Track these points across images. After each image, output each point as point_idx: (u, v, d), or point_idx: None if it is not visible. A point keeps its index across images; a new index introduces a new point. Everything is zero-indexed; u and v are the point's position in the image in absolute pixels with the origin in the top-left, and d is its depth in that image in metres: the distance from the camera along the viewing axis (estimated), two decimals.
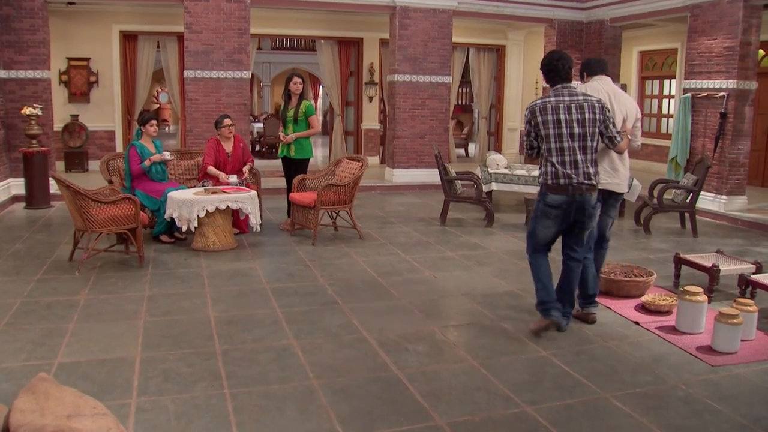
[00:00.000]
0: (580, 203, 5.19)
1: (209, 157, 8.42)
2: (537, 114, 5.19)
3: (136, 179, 7.93)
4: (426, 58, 12.60)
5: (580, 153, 5.14)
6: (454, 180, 9.48)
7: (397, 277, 6.90)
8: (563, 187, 5.15)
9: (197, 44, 11.22)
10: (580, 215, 5.27)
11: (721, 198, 10.48)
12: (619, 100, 5.69)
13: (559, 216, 5.27)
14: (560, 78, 5.22)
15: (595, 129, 5.15)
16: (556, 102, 5.14)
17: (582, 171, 5.14)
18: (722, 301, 6.37)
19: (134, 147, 7.94)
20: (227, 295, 6.14)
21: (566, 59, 5.24)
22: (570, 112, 5.10)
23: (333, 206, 8.26)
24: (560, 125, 5.11)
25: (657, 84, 16.31)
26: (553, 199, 5.22)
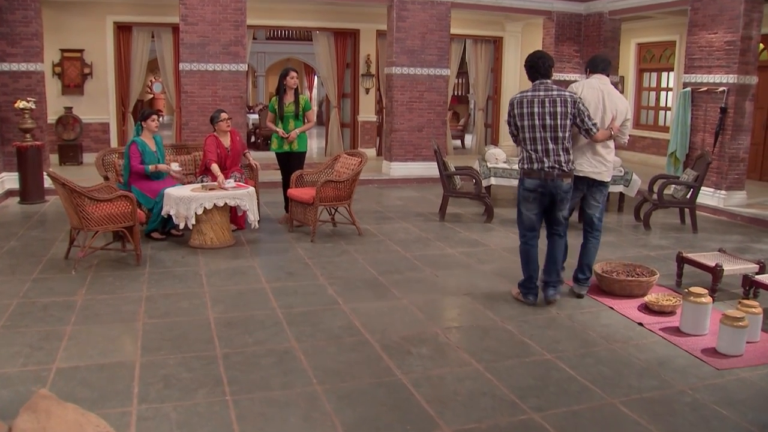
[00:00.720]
0: (552, 187, 5.75)
1: (212, 154, 8.18)
2: (515, 107, 5.77)
3: (133, 176, 7.84)
4: (424, 50, 12.50)
5: (552, 142, 5.66)
6: (453, 175, 9.40)
7: (397, 275, 6.83)
8: (536, 172, 5.72)
9: (193, 36, 11.09)
10: (552, 198, 5.83)
11: (720, 193, 10.43)
12: (611, 99, 6.01)
13: (536, 199, 5.84)
14: (539, 75, 5.76)
15: (566, 121, 5.64)
16: (531, 96, 5.69)
17: (553, 158, 5.68)
18: (725, 300, 6.33)
19: (135, 144, 7.83)
20: (226, 296, 6.07)
21: (547, 58, 5.80)
22: (543, 105, 5.63)
23: (332, 202, 8.18)
24: (533, 117, 5.66)
25: (655, 76, 16.23)
26: (528, 183, 5.81)
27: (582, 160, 6.02)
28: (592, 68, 6.20)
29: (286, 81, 8.69)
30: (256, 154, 16.39)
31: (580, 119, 5.73)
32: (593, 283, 6.56)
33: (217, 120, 8.42)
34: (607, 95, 6.01)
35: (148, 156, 7.88)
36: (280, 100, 8.76)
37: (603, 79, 6.13)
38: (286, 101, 8.74)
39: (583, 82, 6.12)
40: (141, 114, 8.08)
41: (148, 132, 7.96)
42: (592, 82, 6.10)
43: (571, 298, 6.26)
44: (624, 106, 6.10)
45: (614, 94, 6.10)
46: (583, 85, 6.05)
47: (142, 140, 7.90)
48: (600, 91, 6.00)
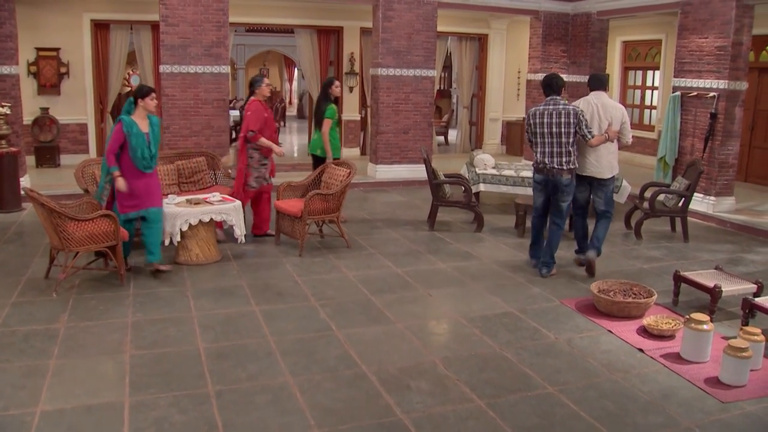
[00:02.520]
0: (554, 181, 7.16)
1: (258, 122, 8.05)
2: (530, 118, 7.24)
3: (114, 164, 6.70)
4: (410, 51, 12.29)
5: (556, 146, 7.06)
6: (443, 184, 9.23)
7: (390, 295, 6.67)
8: (541, 169, 7.20)
9: (174, 38, 10.79)
10: (554, 189, 7.22)
11: (709, 199, 10.36)
12: (606, 110, 7.32)
13: (542, 189, 7.32)
14: (552, 91, 7.18)
15: (569, 129, 7.01)
16: (543, 109, 7.13)
17: (556, 159, 7.08)
18: (723, 321, 6.25)
19: (121, 123, 6.66)
20: (216, 321, 5.87)
21: (559, 79, 7.23)
22: (552, 116, 7.05)
23: (320, 215, 7.98)
24: (543, 126, 7.09)
25: (640, 75, 16.15)
26: (537, 177, 7.34)
27: (585, 162, 7.32)
28: (590, 87, 7.56)
29: (332, 90, 9.16)
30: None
31: (578, 128, 7.04)
32: (590, 302, 6.48)
33: (260, 84, 8.24)
34: (602, 107, 7.31)
35: (136, 139, 6.65)
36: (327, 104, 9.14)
37: (600, 94, 7.42)
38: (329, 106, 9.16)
39: (581, 99, 7.49)
40: (138, 90, 6.81)
41: (144, 111, 6.79)
42: (588, 98, 7.43)
43: (568, 320, 6.13)
44: (619, 113, 7.34)
45: (610, 104, 7.37)
46: (581, 102, 7.42)
47: (131, 119, 6.69)
48: (594, 105, 7.31)
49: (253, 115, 8.05)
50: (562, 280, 7.29)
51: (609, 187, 7.48)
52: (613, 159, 7.39)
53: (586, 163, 7.31)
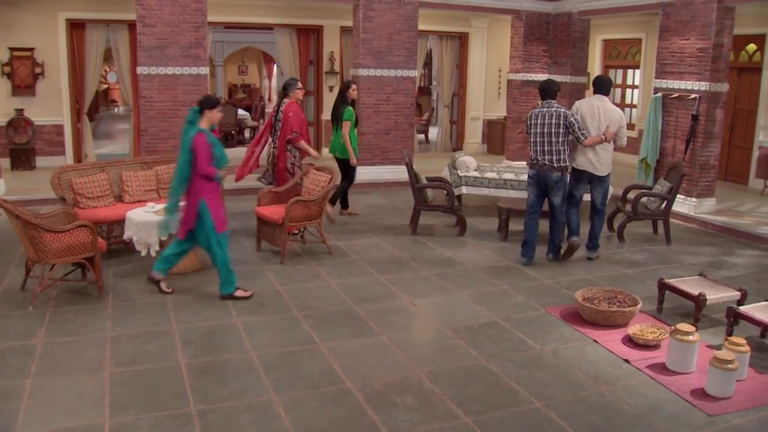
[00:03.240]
0: (544, 177, 7.73)
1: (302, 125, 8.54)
2: (528, 119, 7.85)
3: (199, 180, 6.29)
4: (391, 51, 12.19)
5: (547, 145, 7.63)
6: (425, 188, 9.16)
7: (373, 304, 6.59)
8: (534, 164, 7.77)
9: (151, 39, 10.61)
10: (545, 185, 7.78)
11: (691, 200, 10.38)
12: (606, 113, 7.85)
13: (535, 183, 7.83)
14: (548, 95, 7.80)
15: (559, 130, 7.59)
16: (539, 112, 7.74)
17: (547, 157, 7.65)
18: (707, 328, 6.24)
19: (203, 135, 6.22)
20: (197, 334, 5.77)
21: (554, 84, 7.94)
22: (545, 118, 7.65)
23: (302, 222, 7.88)
24: (537, 126, 7.69)
25: (620, 73, 16.16)
26: (530, 172, 7.86)
27: (582, 159, 7.89)
28: (595, 90, 8.07)
29: (349, 93, 9.48)
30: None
31: (571, 129, 7.61)
32: (575, 310, 6.45)
33: (293, 87, 8.53)
34: (603, 110, 7.86)
35: (219, 149, 6.34)
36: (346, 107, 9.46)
37: (602, 98, 7.98)
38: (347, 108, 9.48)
39: (584, 100, 8.20)
40: (206, 100, 6.42)
41: (208, 122, 6.37)
42: (591, 100, 8.02)
43: (553, 330, 6.09)
44: (617, 116, 7.91)
45: (609, 108, 7.91)
46: (584, 102, 8.07)
47: (208, 131, 6.32)
48: (596, 107, 7.85)
49: (295, 117, 8.42)
50: (546, 287, 7.25)
51: (606, 183, 8.11)
52: (609, 158, 8.00)
53: (585, 161, 7.88)
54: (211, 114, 6.35)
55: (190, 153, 6.19)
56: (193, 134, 6.21)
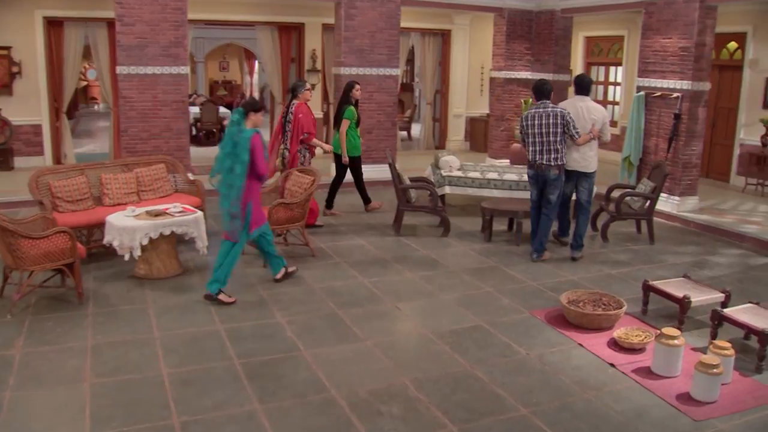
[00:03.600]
0: (542, 175, 7.94)
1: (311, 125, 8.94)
2: (523, 120, 8.04)
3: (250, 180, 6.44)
4: (373, 49, 12.11)
5: (545, 145, 7.84)
6: (408, 189, 9.11)
7: (358, 309, 6.54)
8: (532, 164, 8.00)
9: (130, 38, 10.46)
10: (543, 183, 8.01)
11: (674, 199, 10.40)
12: (590, 111, 8.11)
13: (534, 182, 8.10)
14: (543, 96, 7.97)
15: (556, 129, 7.78)
16: (534, 112, 7.91)
17: (545, 156, 7.85)
18: (691, 330, 6.25)
19: (259, 136, 6.45)
20: (179, 342, 5.69)
21: (548, 84, 8.11)
22: (542, 118, 7.84)
23: (284, 225, 7.81)
24: (534, 127, 7.87)
25: (603, 70, 16.18)
26: (529, 172, 8.11)
27: (572, 158, 8.07)
28: (577, 90, 8.32)
29: (353, 93, 9.68)
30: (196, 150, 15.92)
31: (566, 128, 7.81)
32: (560, 313, 6.43)
33: (302, 89, 8.91)
34: (587, 109, 8.11)
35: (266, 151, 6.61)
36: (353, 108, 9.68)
37: (584, 98, 8.22)
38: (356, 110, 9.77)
39: (566, 102, 8.40)
40: (252, 104, 6.58)
41: (252, 124, 6.51)
42: (573, 101, 8.26)
43: (539, 334, 6.07)
44: (601, 114, 8.16)
45: (593, 106, 8.18)
46: (567, 104, 8.25)
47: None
48: (580, 107, 8.09)
49: (305, 118, 8.75)
50: (530, 289, 7.23)
51: (592, 181, 8.32)
52: (595, 155, 8.24)
53: (572, 160, 8.08)
54: (255, 117, 6.51)
55: (249, 153, 6.29)
56: (249, 135, 6.34)
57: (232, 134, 6.35)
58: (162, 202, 8.25)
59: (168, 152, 10.72)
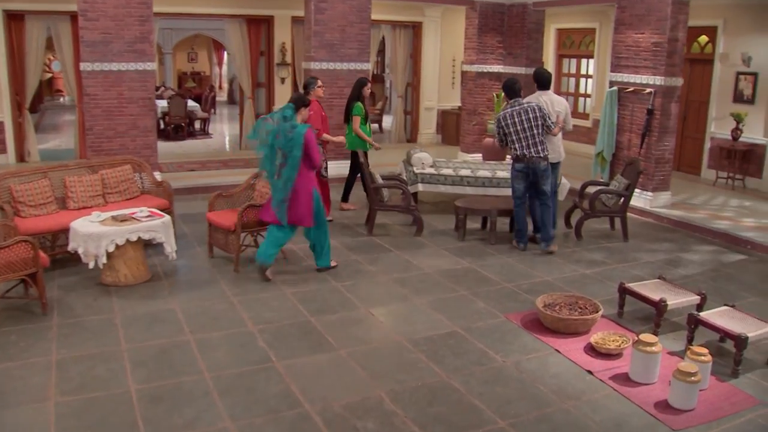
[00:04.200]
0: (533, 168, 8.17)
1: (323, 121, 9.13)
2: (501, 121, 8.23)
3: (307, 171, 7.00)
4: (344, 44, 11.93)
5: (531, 138, 8.11)
6: (381, 188, 8.98)
7: (330, 315, 6.41)
8: (522, 158, 8.17)
9: (94, 33, 10.18)
10: (535, 175, 8.22)
11: (647, 194, 10.40)
12: (554, 104, 8.57)
13: (524, 177, 8.26)
14: (515, 94, 8.29)
15: (538, 122, 8.12)
16: (511, 111, 8.19)
17: (533, 149, 8.13)
18: (667, 333, 6.22)
19: (312, 130, 7.04)
20: (147, 354, 5.52)
21: (518, 83, 8.44)
22: (521, 115, 8.14)
23: (255, 228, 7.64)
24: (516, 125, 8.13)
25: (574, 63, 16.15)
26: (518, 166, 8.25)
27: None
28: (538, 86, 8.69)
29: (363, 91, 9.74)
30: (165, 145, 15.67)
31: (543, 120, 8.15)
32: (535, 317, 6.37)
33: (313, 86, 9.03)
34: (551, 103, 8.53)
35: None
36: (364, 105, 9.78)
37: (546, 92, 8.65)
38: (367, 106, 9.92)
39: (531, 96, 8.64)
40: (300, 98, 7.10)
41: (300, 119, 6.99)
42: (537, 95, 8.61)
43: (515, 339, 5.99)
44: (563, 105, 8.65)
45: (555, 99, 8.66)
46: (532, 99, 8.54)
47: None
48: (544, 101, 8.47)
49: (315, 115, 8.71)
50: (505, 291, 7.16)
51: (558, 170, 8.80)
52: (561, 145, 8.76)
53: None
54: (304, 111, 7.05)
55: (302, 148, 6.78)
56: (304, 131, 6.81)
57: (285, 130, 6.78)
58: (129, 204, 8.06)
59: (135, 150, 10.49)
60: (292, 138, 6.74)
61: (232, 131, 18.44)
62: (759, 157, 11.94)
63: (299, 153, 6.75)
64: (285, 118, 6.84)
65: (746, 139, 11.91)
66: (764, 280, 7.82)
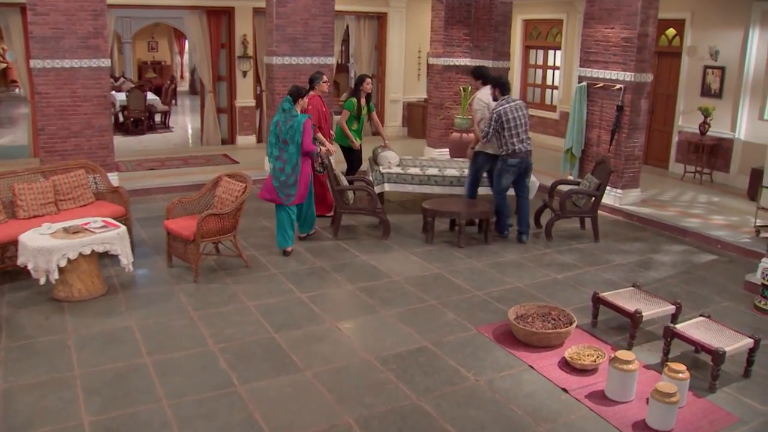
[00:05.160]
0: (526, 163, 8.54)
1: (321, 118, 9.01)
2: (504, 115, 8.30)
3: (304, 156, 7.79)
4: (307, 38, 11.57)
5: (524, 134, 8.42)
6: (346, 190, 8.71)
7: (295, 330, 6.15)
8: (518, 153, 8.40)
9: (44, 29, 9.70)
10: (525, 170, 8.59)
11: (616, 191, 10.25)
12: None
13: (515, 171, 8.51)
14: (507, 91, 8.55)
15: (526, 119, 8.42)
16: (509, 106, 8.35)
17: (526, 143, 8.44)
18: (642, 344, 6.07)
19: (310, 120, 7.78)
20: (102, 381, 5.20)
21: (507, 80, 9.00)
22: (517, 111, 8.37)
23: (215, 237, 7.33)
24: (516, 119, 8.32)
25: (541, 54, 15.96)
26: (512, 161, 8.42)
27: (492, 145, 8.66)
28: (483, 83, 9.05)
29: (363, 87, 9.72)
30: (124, 140, 15.22)
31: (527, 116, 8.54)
32: (507, 329, 6.18)
33: (319, 81, 9.08)
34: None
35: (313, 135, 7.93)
36: (359, 102, 9.73)
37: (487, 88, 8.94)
38: (363, 104, 9.77)
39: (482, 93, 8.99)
40: (297, 90, 7.76)
41: (299, 109, 7.76)
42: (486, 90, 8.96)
43: (487, 355, 5.79)
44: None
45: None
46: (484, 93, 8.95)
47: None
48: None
49: (313, 110, 8.76)
50: (476, 300, 6.95)
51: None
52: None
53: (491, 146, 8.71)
54: (302, 102, 7.80)
55: (299, 135, 7.59)
56: (303, 120, 7.63)
57: (285, 120, 7.63)
58: (82, 211, 7.70)
59: (90, 151, 10.09)
60: (292, 125, 7.59)
61: (194, 124, 18.00)
62: (726, 152, 11.87)
63: (299, 138, 7.59)
64: (284, 111, 7.64)
65: (714, 134, 11.83)
66: (734, 281, 7.71)
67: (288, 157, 7.67)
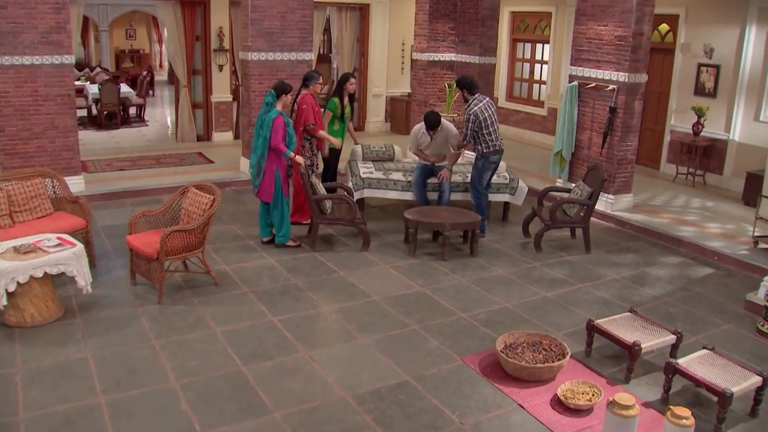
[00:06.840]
0: (500, 159, 8.68)
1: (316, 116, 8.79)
2: (481, 114, 8.28)
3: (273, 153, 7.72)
4: (284, 32, 10.99)
5: (498, 131, 8.50)
6: (323, 200, 8.20)
7: (265, 362, 5.65)
8: (498, 151, 8.48)
9: (1, 23, 9.09)
10: (497, 167, 8.75)
11: (608, 197, 9.79)
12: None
13: (493, 169, 8.65)
14: (477, 89, 8.50)
15: (497, 116, 8.51)
16: (483, 105, 8.34)
17: (501, 140, 8.55)
18: (640, 376, 5.63)
19: (282, 116, 7.66)
20: (49, 427, 4.68)
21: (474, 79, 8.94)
22: (489, 109, 8.40)
23: (181, 254, 6.79)
24: (492, 117, 8.38)
25: (529, 47, 15.45)
26: (493, 158, 8.50)
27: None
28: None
29: (346, 86, 9.34)
30: (94, 136, 14.61)
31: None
32: (495, 360, 5.72)
33: (314, 81, 8.84)
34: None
35: (289, 137, 7.77)
36: (341, 102, 9.35)
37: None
38: (345, 103, 9.40)
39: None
40: (281, 86, 7.77)
41: (282, 105, 7.78)
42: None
43: (473, 392, 5.32)
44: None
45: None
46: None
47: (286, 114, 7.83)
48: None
49: (309, 109, 8.66)
50: (461, 323, 6.48)
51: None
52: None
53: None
54: (285, 98, 7.79)
55: (268, 130, 7.55)
56: (273, 116, 7.57)
57: (263, 113, 7.67)
58: (40, 223, 7.17)
59: (54, 153, 9.56)
60: (264, 120, 7.61)
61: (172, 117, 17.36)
62: (720, 153, 11.45)
63: (267, 134, 7.54)
64: (267, 104, 7.65)
65: (708, 134, 11.41)
66: (733, 299, 7.30)
67: (255, 149, 7.76)
